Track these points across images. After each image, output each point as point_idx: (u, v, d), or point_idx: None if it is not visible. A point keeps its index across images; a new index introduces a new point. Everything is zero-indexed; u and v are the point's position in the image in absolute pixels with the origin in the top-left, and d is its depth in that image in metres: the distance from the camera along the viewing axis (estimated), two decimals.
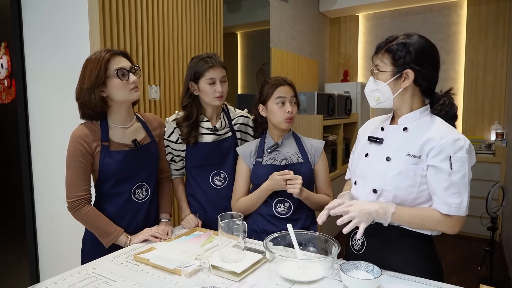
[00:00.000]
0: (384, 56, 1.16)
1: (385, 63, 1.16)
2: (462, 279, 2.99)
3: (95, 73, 1.32)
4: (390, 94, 1.16)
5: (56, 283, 1.11)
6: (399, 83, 1.15)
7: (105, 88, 1.35)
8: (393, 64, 1.14)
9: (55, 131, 2.16)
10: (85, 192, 1.39)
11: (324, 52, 5.02)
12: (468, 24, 4.19)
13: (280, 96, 1.51)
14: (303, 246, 1.27)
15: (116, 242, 1.41)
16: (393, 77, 1.15)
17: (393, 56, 1.14)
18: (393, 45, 1.15)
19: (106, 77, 1.33)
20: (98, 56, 1.34)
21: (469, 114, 4.24)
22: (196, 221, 1.63)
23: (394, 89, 1.16)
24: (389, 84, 1.15)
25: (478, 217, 3.25)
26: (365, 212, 1.09)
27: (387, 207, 1.12)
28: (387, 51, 1.16)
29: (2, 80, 2.32)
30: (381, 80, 1.17)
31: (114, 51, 1.38)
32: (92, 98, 1.33)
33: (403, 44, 1.13)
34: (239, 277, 1.12)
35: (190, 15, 2.47)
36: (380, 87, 1.17)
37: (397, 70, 1.14)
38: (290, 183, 1.43)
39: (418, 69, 1.12)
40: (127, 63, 1.39)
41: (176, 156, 1.69)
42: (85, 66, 1.36)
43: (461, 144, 1.08)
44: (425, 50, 1.13)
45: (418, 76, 1.13)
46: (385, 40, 1.18)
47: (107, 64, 1.33)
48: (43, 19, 2.13)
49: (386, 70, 1.16)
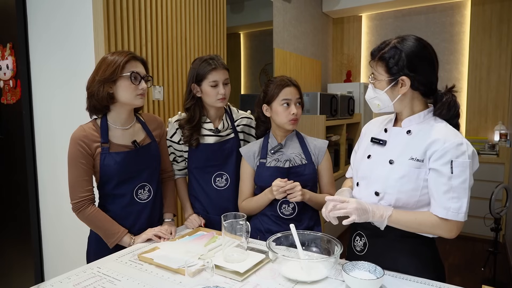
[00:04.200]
0: (378, 64, 1.16)
1: (380, 72, 1.16)
2: (465, 280, 2.98)
3: (112, 69, 1.35)
4: (389, 101, 1.17)
5: (61, 282, 1.12)
6: (396, 89, 1.15)
7: (114, 86, 1.37)
8: (387, 72, 1.14)
9: (59, 131, 2.18)
10: (88, 193, 1.40)
11: (327, 53, 5.01)
12: (472, 24, 4.17)
13: (285, 98, 1.50)
14: (306, 246, 1.27)
15: (120, 242, 1.42)
16: (389, 85, 1.15)
17: (386, 64, 1.14)
18: (385, 52, 1.14)
19: (120, 76, 1.36)
20: (118, 55, 1.38)
21: (472, 114, 4.23)
22: (200, 221, 1.63)
23: (392, 96, 1.16)
24: (386, 92, 1.16)
25: (482, 218, 3.24)
26: (361, 208, 1.10)
27: (384, 210, 1.12)
28: (380, 59, 1.15)
29: (8, 81, 2.34)
30: (378, 88, 1.18)
31: (135, 55, 1.42)
32: (100, 91, 1.36)
33: (394, 50, 1.12)
34: (242, 277, 1.13)
35: (194, 15, 2.48)
36: (378, 95, 1.18)
37: (392, 78, 1.14)
38: (290, 192, 1.44)
39: (412, 75, 1.11)
40: (143, 70, 1.43)
41: (178, 156, 1.70)
42: (103, 60, 1.39)
43: (463, 149, 1.07)
44: (418, 54, 1.12)
45: (414, 81, 1.12)
46: (378, 47, 1.18)
47: (125, 65, 1.37)
48: (48, 21, 2.15)
49: (381, 79, 1.16)
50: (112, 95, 1.38)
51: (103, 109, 1.42)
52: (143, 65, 1.45)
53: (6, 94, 2.37)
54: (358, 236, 1.27)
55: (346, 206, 1.12)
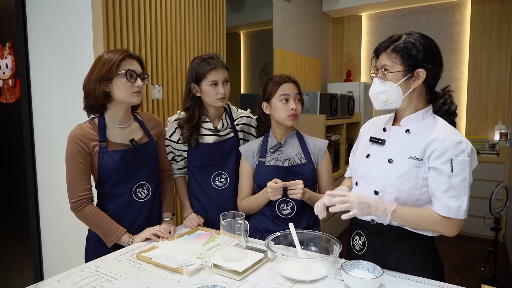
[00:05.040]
0: (391, 56, 1.13)
1: (396, 62, 1.13)
2: (465, 279, 2.97)
3: (107, 67, 1.35)
4: (399, 95, 1.14)
5: (59, 281, 1.12)
6: (409, 83, 1.13)
7: (110, 84, 1.37)
8: (403, 64, 1.12)
9: (59, 130, 2.17)
10: (86, 192, 1.40)
11: (327, 52, 5.01)
12: (472, 24, 4.17)
13: (284, 93, 1.50)
14: (305, 245, 1.27)
15: (119, 242, 1.42)
16: (404, 77, 1.12)
17: (402, 55, 1.11)
18: (400, 43, 1.12)
19: (115, 74, 1.36)
20: (113, 54, 1.38)
21: (473, 114, 4.22)
22: (199, 220, 1.63)
23: (404, 89, 1.14)
24: (400, 84, 1.13)
25: (482, 217, 3.23)
26: (363, 202, 1.09)
27: (387, 204, 1.11)
28: (395, 50, 1.13)
29: (7, 80, 2.34)
30: (390, 80, 1.14)
31: (131, 53, 1.42)
32: (96, 90, 1.36)
33: (411, 43, 1.11)
34: (241, 276, 1.13)
35: (193, 15, 2.48)
36: (389, 88, 1.14)
37: (409, 70, 1.12)
38: (291, 189, 1.44)
39: (429, 67, 1.11)
40: (138, 67, 1.43)
41: (177, 155, 1.70)
42: (98, 59, 1.39)
43: (463, 147, 1.07)
44: (433, 48, 1.13)
45: (429, 74, 1.12)
46: (388, 40, 1.16)
47: (120, 62, 1.37)
48: (47, 20, 2.15)
49: (396, 70, 1.12)
50: (108, 93, 1.38)
51: (100, 108, 1.41)
52: (139, 63, 1.44)
53: (5, 93, 2.37)
54: (357, 235, 1.27)
55: (347, 199, 1.10)
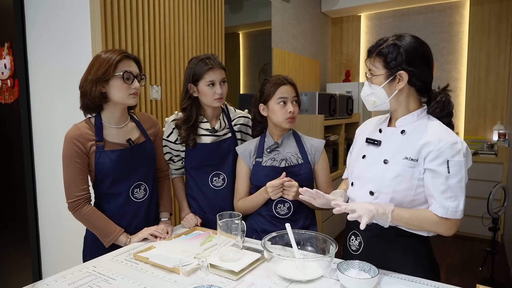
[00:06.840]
0: (375, 60, 1.17)
1: (377, 66, 1.16)
2: (463, 279, 2.98)
3: (104, 68, 1.35)
4: (385, 97, 1.17)
5: (56, 281, 1.13)
6: (393, 85, 1.15)
7: (107, 85, 1.37)
8: (385, 67, 1.14)
9: (57, 130, 2.18)
10: (84, 192, 1.40)
11: (326, 52, 5.01)
12: (471, 24, 4.17)
13: (282, 96, 1.50)
14: (301, 245, 1.27)
15: (116, 242, 1.42)
16: (386, 80, 1.15)
17: (384, 59, 1.14)
18: (383, 48, 1.15)
19: (112, 75, 1.36)
20: (111, 54, 1.37)
21: (471, 114, 4.23)
22: (196, 220, 1.64)
23: (389, 91, 1.16)
24: (383, 87, 1.16)
25: (480, 217, 3.24)
26: (368, 209, 1.10)
27: (386, 206, 1.12)
28: (378, 54, 1.16)
29: (5, 80, 2.34)
30: (375, 83, 1.17)
31: (128, 54, 1.41)
32: (92, 90, 1.35)
33: (393, 46, 1.13)
34: (237, 276, 1.13)
35: (192, 15, 2.48)
36: (375, 91, 1.18)
37: (390, 73, 1.14)
38: (285, 189, 1.45)
39: (411, 70, 1.12)
40: (135, 69, 1.43)
41: (175, 156, 1.70)
42: (95, 59, 1.39)
43: (458, 147, 1.08)
44: (416, 50, 1.13)
45: (412, 76, 1.13)
46: (376, 44, 1.18)
47: (117, 64, 1.36)
48: (46, 20, 2.15)
49: (379, 74, 1.16)
50: (104, 94, 1.38)
51: (97, 108, 1.42)
52: (136, 64, 1.44)
53: (4, 94, 2.37)
54: (354, 235, 1.27)
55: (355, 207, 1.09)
